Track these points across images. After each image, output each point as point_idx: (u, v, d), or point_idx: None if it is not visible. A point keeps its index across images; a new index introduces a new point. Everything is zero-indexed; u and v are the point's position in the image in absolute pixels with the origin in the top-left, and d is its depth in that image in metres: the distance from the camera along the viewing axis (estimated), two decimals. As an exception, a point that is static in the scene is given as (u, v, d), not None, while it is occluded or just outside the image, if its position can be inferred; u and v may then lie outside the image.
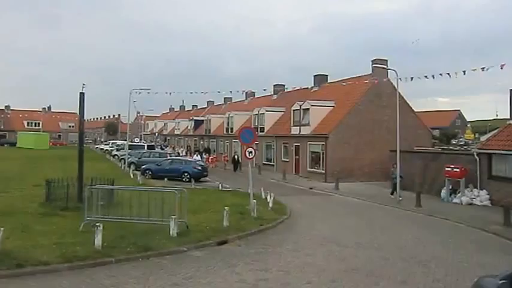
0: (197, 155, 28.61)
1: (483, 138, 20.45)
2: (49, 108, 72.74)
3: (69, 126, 70.05)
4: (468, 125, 40.32)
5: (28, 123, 66.15)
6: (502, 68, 12.74)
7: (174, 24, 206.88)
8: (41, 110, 66.72)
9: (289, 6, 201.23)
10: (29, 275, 6.24)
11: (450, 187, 16.43)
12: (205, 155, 31.36)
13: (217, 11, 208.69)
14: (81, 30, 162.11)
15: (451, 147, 22.43)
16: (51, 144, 55.00)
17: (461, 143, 26.58)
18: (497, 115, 52.70)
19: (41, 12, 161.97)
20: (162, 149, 37.63)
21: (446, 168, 16.29)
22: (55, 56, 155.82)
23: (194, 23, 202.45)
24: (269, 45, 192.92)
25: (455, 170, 16.01)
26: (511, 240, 10.08)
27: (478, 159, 15.73)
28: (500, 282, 3.83)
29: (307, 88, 29.39)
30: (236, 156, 28.16)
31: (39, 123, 63.20)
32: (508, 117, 17.08)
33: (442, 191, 16.71)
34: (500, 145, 15.25)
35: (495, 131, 18.48)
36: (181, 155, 32.05)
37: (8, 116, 66.66)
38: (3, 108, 68.22)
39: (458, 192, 16.10)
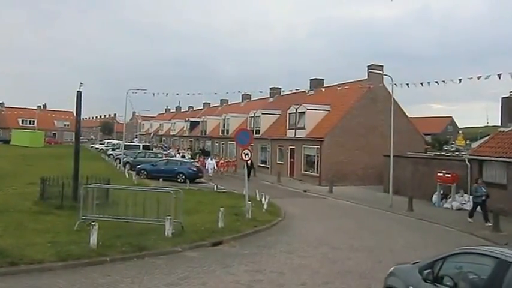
0: (211, 159, 24.99)
1: (474, 144, 20.80)
2: (44, 106, 72.02)
3: (65, 125, 69.38)
4: (460, 132, 40.86)
5: (23, 121, 65.35)
6: (499, 78, 12.83)
7: (172, 26, 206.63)
8: (36, 108, 66.01)
9: (288, 11, 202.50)
10: (23, 273, 6.25)
11: (441, 192, 16.69)
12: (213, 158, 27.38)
13: (216, 13, 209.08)
14: (77, 28, 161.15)
15: (443, 153, 22.73)
16: (46, 142, 54.46)
17: (453, 149, 26.90)
18: (488, 122, 53.55)
19: (37, 10, 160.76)
20: (163, 150, 36.09)
21: (438, 174, 16.55)
22: (51, 53, 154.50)
23: (192, 25, 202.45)
24: (267, 49, 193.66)
25: (447, 175, 16.28)
26: (499, 245, 10.29)
27: (469, 165, 16.02)
28: (426, 272, 4.15)
29: (303, 92, 29.62)
30: (250, 161, 26.12)
31: (33, 121, 62.46)
32: (499, 124, 17.45)
33: (434, 195, 16.97)
34: (491, 152, 15.55)
35: (486, 137, 18.82)
36: (187, 157, 28.30)
37: (2, 113, 65.75)
38: (-2, 105, 67.38)
39: (449, 198, 16.36)
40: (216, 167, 24.38)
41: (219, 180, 21.42)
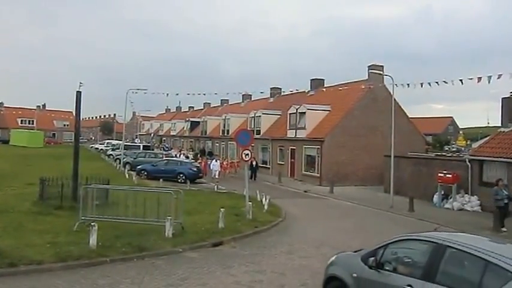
0: (216, 160, 23.55)
1: (475, 145, 20.77)
2: (43, 106, 71.97)
3: (64, 125, 69.37)
4: (460, 132, 40.90)
5: (22, 120, 65.34)
6: (498, 78, 12.77)
7: (173, 25, 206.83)
8: (35, 107, 65.98)
9: (290, 10, 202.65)
10: (23, 274, 6.21)
11: (442, 192, 16.66)
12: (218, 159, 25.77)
13: (217, 12, 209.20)
14: (77, 27, 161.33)
15: (443, 153, 22.72)
16: (45, 142, 54.41)
17: (454, 149, 26.90)
18: (488, 123, 53.65)
19: (37, 9, 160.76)
20: (165, 150, 35.58)
21: (439, 174, 16.52)
22: (50, 53, 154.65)
23: (193, 24, 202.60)
24: (268, 48, 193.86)
25: (447, 175, 16.25)
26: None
27: (469, 166, 16.00)
28: (371, 260, 4.49)
29: (303, 92, 29.60)
30: (254, 162, 23.81)
31: (33, 121, 62.40)
32: (500, 124, 17.43)
33: (434, 196, 16.94)
34: (491, 152, 15.53)
35: (487, 138, 18.79)
36: (190, 158, 27.82)
37: (1, 113, 65.71)
38: (-4, 105, 67.32)
39: (450, 198, 16.34)
40: (221, 169, 23.12)
41: (222, 181, 21.02)
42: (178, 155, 29.44)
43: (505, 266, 3.49)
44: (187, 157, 28.46)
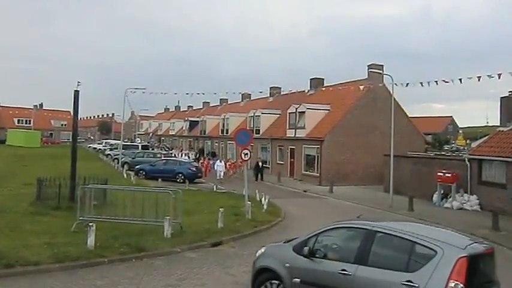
0: (220, 161, 22.76)
1: (474, 144, 20.80)
2: (41, 105, 71.69)
3: (62, 125, 69.10)
4: (460, 131, 41.02)
5: (18, 120, 65.00)
6: (499, 78, 12.77)
7: (172, 24, 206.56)
8: (32, 107, 65.69)
9: (290, 9, 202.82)
10: (19, 275, 6.15)
11: (442, 192, 16.66)
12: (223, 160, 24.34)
13: (216, 11, 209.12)
14: (75, 26, 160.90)
15: (443, 153, 22.74)
16: (42, 142, 54.17)
17: (453, 149, 26.95)
18: (487, 122, 53.81)
19: (34, 7, 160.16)
20: (165, 150, 35.29)
21: (439, 173, 16.52)
22: (48, 52, 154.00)
23: (192, 23, 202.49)
24: (267, 47, 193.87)
25: (447, 175, 16.25)
26: (498, 244, 10.24)
27: (469, 165, 16.00)
28: (305, 249, 4.64)
29: (303, 91, 29.57)
30: (260, 163, 23.82)
31: (30, 121, 62.15)
32: (499, 124, 17.45)
33: (434, 195, 16.94)
34: (490, 151, 15.54)
35: (486, 137, 18.81)
36: (191, 158, 27.78)
37: (-2, 112, 65.41)
38: (-7, 104, 66.93)
39: (450, 197, 16.34)
40: (226, 170, 22.51)
41: (225, 181, 20.61)
42: (180, 155, 29.27)
43: (429, 245, 3.93)
44: (189, 157, 28.29)
